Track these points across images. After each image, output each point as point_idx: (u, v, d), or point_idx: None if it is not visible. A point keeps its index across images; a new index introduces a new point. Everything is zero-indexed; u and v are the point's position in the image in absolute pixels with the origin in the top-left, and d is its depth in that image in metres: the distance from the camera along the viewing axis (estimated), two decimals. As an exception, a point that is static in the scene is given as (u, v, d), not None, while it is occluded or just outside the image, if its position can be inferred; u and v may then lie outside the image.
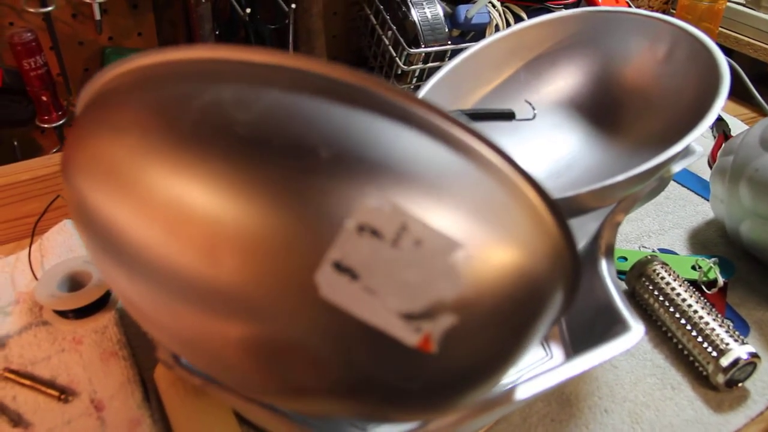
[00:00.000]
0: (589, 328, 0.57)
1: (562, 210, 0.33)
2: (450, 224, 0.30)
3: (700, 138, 0.71)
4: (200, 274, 0.30)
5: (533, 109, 0.75)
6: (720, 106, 0.58)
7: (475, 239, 0.30)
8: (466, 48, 0.79)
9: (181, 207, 0.30)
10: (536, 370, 0.61)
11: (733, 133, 1.00)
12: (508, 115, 0.71)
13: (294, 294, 0.29)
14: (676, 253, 0.79)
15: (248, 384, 0.36)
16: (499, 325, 0.33)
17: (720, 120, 1.04)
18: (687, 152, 0.68)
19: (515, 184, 0.33)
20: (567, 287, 0.38)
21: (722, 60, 0.62)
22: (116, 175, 0.32)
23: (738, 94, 1.14)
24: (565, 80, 0.77)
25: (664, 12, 0.76)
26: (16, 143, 0.91)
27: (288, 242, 0.29)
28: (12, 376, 0.59)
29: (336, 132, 0.30)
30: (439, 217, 0.30)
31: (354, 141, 0.30)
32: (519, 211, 0.33)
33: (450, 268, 0.30)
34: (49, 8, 0.82)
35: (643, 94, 0.72)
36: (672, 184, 0.92)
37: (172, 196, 0.30)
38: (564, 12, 0.78)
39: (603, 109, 0.75)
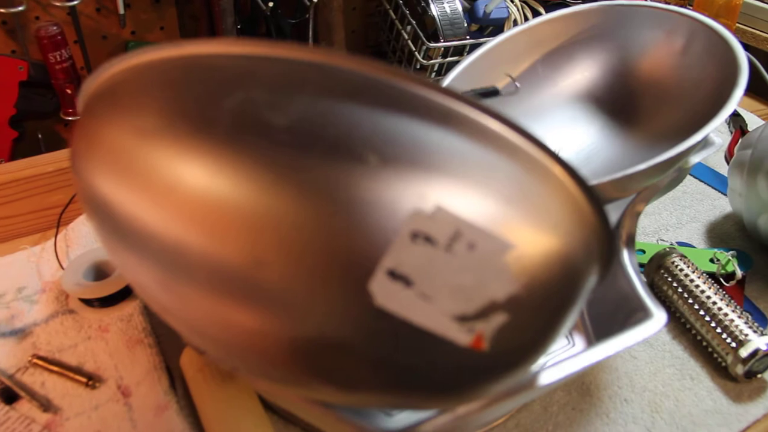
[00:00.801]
0: (611, 316, 0.57)
1: (598, 194, 0.34)
2: (499, 223, 0.30)
3: (716, 133, 0.71)
4: (248, 278, 0.30)
5: (515, 82, 0.76)
6: (739, 96, 0.58)
7: (524, 237, 0.31)
8: (484, 42, 0.79)
9: (225, 210, 0.29)
10: (558, 357, 0.61)
11: (749, 129, 1.00)
12: (493, 92, 0.72)
13: (348, 301, 0.29)
14: (693, 246, 0.80)
15: (285, 379, 0.36)
16: (543, 315, 0.34)
17: (737, 115, 1.04)
18: (706, 143, 0.68)
19: (556, 175, 0.33)
20: (600, 269, 0.38)
21: (740, 51, 0.62)
22: (144, 174, 0.31)
23: (755, 89, 1.14)
24: (583, 73, 0.78)
25: (681, 7, 0.76)
26: (40, 136, 0.92)
27: (341, 251, 0.29)
28: (40, 362, 0.60)
29: (380, 135, 0.29)
30: (489, 217, 0.30)
31: (400, 144, 0.29)
32: (561, 202, 0.33)
33: (502, 268, 0.30)
34: (75, 2, 0.83)
35: (660, 87, 0.72)
36: (689, 179, 0.92)
37: (215, 200, 0.29)
38: (580, 6, 0.78)
39: (621, 102, 0.75)
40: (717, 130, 1.02)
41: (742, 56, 0.61)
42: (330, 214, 0.28)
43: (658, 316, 0.50)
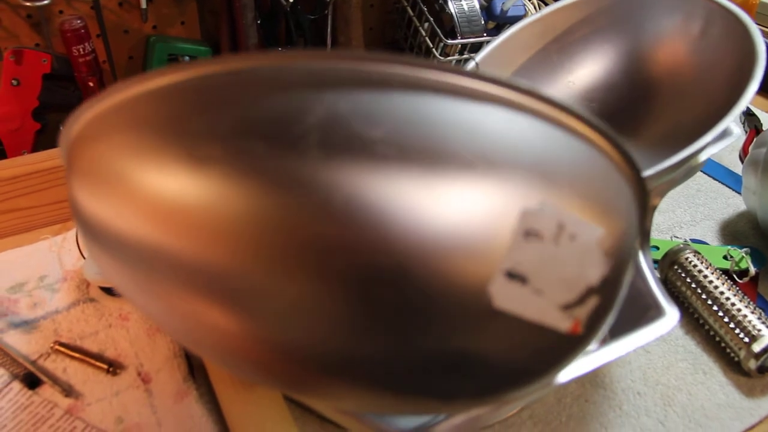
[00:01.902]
0: (625, 312, 0.58)
1: (639, 167, 0.35)
2: (584, 210, 0.31)
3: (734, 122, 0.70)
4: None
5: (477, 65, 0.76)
6: (757, 82, 0.58)
7: (601, 219, 0.32)
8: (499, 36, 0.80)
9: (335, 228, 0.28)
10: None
11: (764, 128, 1.00)
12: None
13: (470, 308, 0.30)
14: (707, 243, 0.80)
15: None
16: (617, 291, 0.35)
17: (752, 115, 1.05)
18: (725, 133, 0.69)
19: (611, 154, 0.34)
20: (641, 241, 0.39)
21: (758, 34, 0.62)
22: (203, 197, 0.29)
23: (770, 89, 1.14)
24: (600, 62, 0.77)
25: None
26: (62, 128, 0.93)
27: (465, 256, 0.29)
28: (62, 349, 0.62)
29: (474, 137, 0.29)
30: (577, 206, 0.31)
31: (494, 145, 0.30)
32: (619, 180, 0.34)
33: (596, 253, 0.32)
34: (98, -4, 0.85)
35: (677, 73, 0.72)
36: (703, 178, 0.93)
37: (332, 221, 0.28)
38: None
39: (638, 90, 0.75)
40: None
41: (760, 39, 0.61)
42: (453, 224, 0.29)
43: (671, 314, 0.51)
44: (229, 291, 0.30)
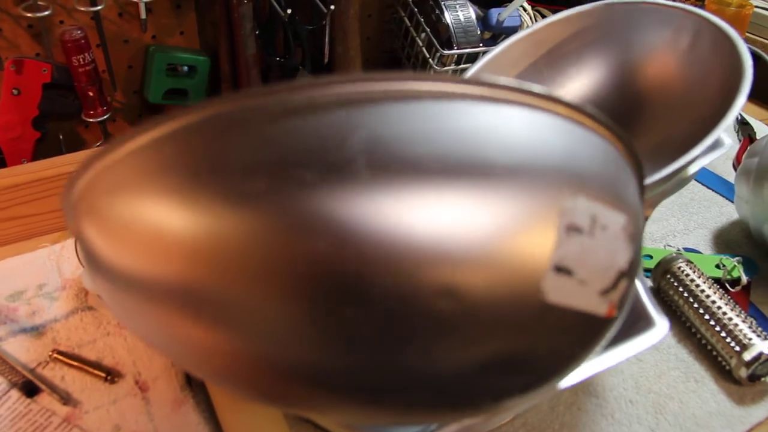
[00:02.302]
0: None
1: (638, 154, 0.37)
2: (610, 201, 0.34)
3: (726, 134, 0.71)
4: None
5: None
6: (744, 95, 0.58)
7: (622, 206, 0.34)
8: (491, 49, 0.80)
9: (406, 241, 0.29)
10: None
11: (758, 137, 1.01)
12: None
13: (525, 306, 0.31)
14: (700, 252, 0.81)
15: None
16: (637, 272, 0.37)
17: (745, 124, 1.05)
18: (716, 144, 0.69)
19: (616, 145, 0.37)
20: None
21: (744, 48, 0.62)
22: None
23: (765, 98, 1.15)
24: (590, 76, 0.78)
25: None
26: (61, 136, 0.94)
27: (516, 256, 0.30)
28: (61, 357, 0.62)
29: (506, 144, 0.31)
30: (603, 197, 0.33)
31: (526, 148, 0.31)
32: (627, 168, 0.37)
33: (623, 239, 0.34)
34: (99, 7, 0.85)
35: (667, 87, 0.72)
36: (697, 186, 0.94)
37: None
38: (581, 7, 0.78)
39: (628, 103, 0.75)
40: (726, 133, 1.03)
41: (746, 53, 0.62)
42: (504, 226, 0.30)
43: (661, 325, 0.52)
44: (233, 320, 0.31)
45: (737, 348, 0.63)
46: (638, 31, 0.75)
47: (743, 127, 1.05)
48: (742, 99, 0.58)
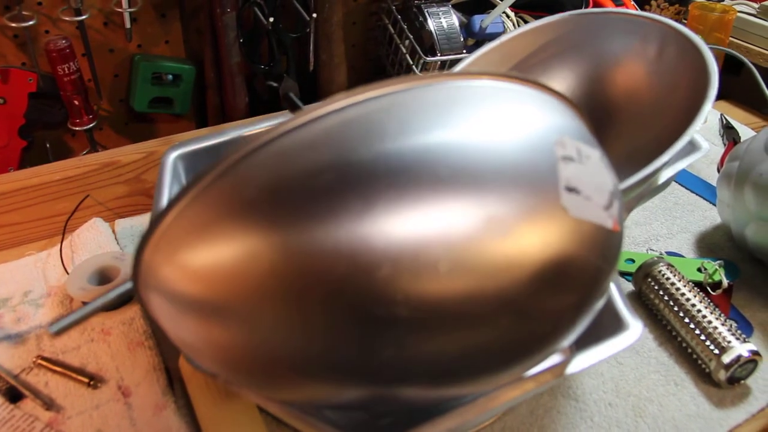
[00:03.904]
0: (590, 326, 0.59)
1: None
2: (584, 141, 0.41)
3: (710, 146, 0.72)
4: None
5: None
6: (710, 102, 0.59)
7: (596, 146, 0.42)
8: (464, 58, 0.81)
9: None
10: (540, 366, 0.63)
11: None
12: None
13: (554, 219, 0.36)
14: (682, 256, 0.81)
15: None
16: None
17: (730, 128, 1.06)
18: (693, 148, 0.70)
19: (572, 108, 0.44)
20: None
21: (710, 55, 0.63)
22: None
23: (751, 102, 1.16)
24: (560, 85, 0.77)
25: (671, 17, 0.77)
26: (48, 145, 0.94)
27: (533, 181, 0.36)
28: (44, 363, 0.63)
29: (504, 108, 0.38)
30: (579, 137, 0.40)
31: (515, 112, 0.39)
32: (584, 123, 0.44)
33: (604, 167, 0.41)
34: (83, 17, 0.86)
35: (636, 95, 0.73)
36: (681, 190, 0.94)
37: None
38: (551, 17, 0.79)
39: (598, 112, 0.76)
40: (711, 143, 1.04)
41: (712, 60, 0.62)
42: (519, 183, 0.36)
43: (634, 327, 0.52)
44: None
45: (716, 351, 0.63)
46: (606, 41, 0.76)
47: (728, 131, 1.06)
48: (708, 104, 0.58)
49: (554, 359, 0.48)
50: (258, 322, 0.35)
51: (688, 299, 0.68)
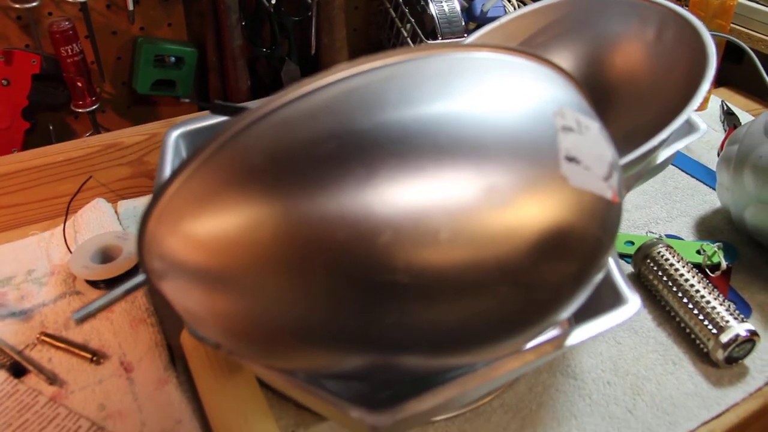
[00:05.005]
0: (589, 301, 0.59)
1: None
2: (584, 113, 0.41)
3: (710, 131, 0.72)
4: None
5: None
6: (708, 83, 0.60)
7: (594, 117, 0.42)
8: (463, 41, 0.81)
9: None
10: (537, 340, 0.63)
11: (743, 126, 1.02)
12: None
13: (554, 188, 0.37)
14: (682, 239, 0.82)
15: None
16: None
17: (731, 114, 1.06)
18: (691, 129, 0.70)
19: (573, 82, 0.45)
20: None
21: (708, 37, 0.64)
22: None
23: (752, 89, 1.16)
24: None
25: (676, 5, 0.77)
26: (51, 127, 0.95)
27: (532, 153, 0.37)
28: (48, 339, 0.63)
29: (509, 80, 0.39)
30: (579, 111, 0.41)
31: (516, 82, 0.39)
32: (583, 96, 0.45)
33: (603, 138, 0.42)
34: (86, -1, 0.86)
35: (634, 76, 0.73)
36: (681, 175, 0.94)
37: None
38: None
39: (597, 93, 0.75)
40: (712, 128, 1.04)
41: (710, 42, 0.63)
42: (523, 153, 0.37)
43: (633, 301, 0.52)
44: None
45: (714, 330, 0.64)
46: (605, 23, 0.77)
47: (729, 117, 1.06)
48: (706, 85, 0.59)
49: (554, 332, 0.49)
50: (261, 289, 0.35)
51: (686, 280, 0.68)
